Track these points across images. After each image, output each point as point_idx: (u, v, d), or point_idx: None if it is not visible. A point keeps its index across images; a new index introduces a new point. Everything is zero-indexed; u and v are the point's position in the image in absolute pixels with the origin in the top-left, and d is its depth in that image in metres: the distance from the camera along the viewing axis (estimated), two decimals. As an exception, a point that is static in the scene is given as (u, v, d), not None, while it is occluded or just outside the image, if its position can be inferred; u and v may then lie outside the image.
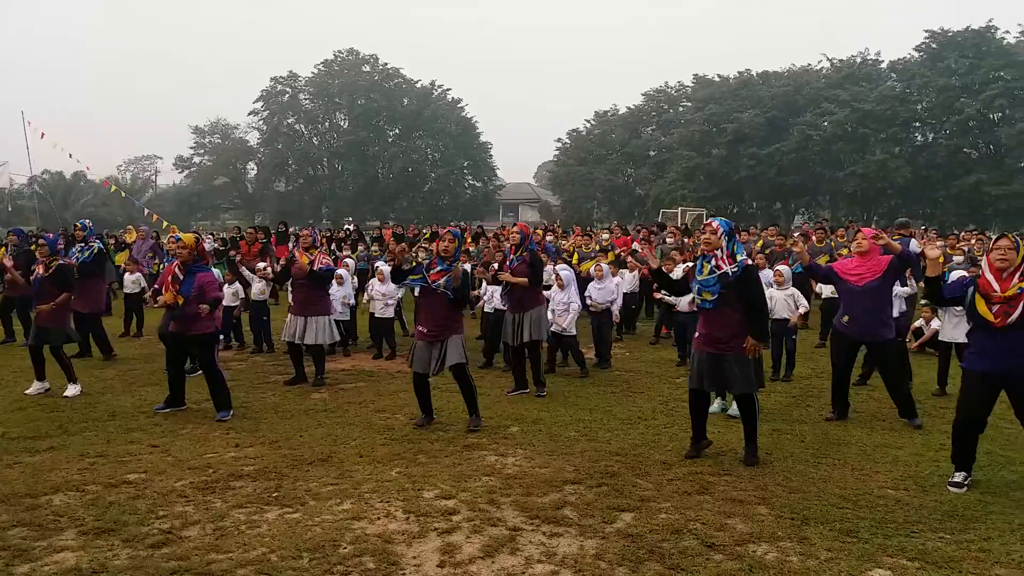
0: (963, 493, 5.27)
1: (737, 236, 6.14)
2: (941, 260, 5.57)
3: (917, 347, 10.58)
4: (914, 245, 10.62)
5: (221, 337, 11.66)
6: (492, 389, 8.58)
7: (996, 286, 5.18)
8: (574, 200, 61.42)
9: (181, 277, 7.49)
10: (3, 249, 15.49)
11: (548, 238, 16.44)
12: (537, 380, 8.36)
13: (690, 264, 7.71)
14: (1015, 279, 5.14)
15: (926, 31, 48.65)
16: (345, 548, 4.43)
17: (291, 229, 22.89)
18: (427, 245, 14.64)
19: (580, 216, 57.02)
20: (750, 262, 6.06)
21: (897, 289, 7.79)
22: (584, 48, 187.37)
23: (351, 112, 63.82)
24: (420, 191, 64.14)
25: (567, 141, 63.14)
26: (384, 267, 11.36)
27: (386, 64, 65.18)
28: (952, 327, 8.29)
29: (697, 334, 6.08)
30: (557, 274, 9.57)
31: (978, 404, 5.38)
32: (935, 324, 10.66)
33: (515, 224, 8.97)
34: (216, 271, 12.05)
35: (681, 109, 58.62)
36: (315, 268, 8.93)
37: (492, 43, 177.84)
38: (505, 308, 8.60)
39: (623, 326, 12.51)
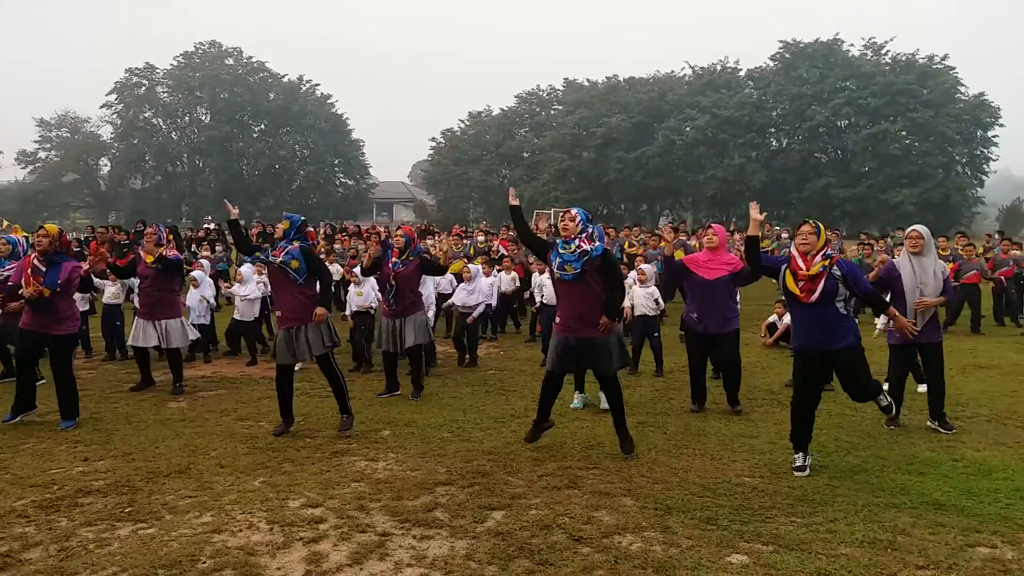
0: (811, 477, 5.56)
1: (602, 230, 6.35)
2: (762, 222, 5.97)
3: (772, 342, 11.14)
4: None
5: None
6: (363, 392, 8.43)
7: (802, 264, 5.65)
8: (450, 200, 61.48)
9: (43, 269, 6.99)
10: None
11: (429, 240, 16.29)
12: (417, 384, 8.26)
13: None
14: (818, 258, 5.63)
15: (780, 42, 51.80)
16: (204, 563, 4.22)
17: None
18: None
19: (456, 216, 57.12)
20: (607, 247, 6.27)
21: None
22: (457, 47, 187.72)
23: (213, 106, 61.33)
24: (288, 189, 62.42)
25: (441, 140, 63.08)
26: (245, 269, 10.95)
27: (251, 57, 63.11)
28: None
29: (558, 319, 6.15)
30: None
31: (803, 379, 5.80)
32: (787, 319, 11.30)
33: (399, 228, 8.83)
34: None
35: (553, 112, 59.80)
36: (163, 255, 8.33)
37: (366, 39, 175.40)
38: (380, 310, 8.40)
39: (499, 325, 12.61)
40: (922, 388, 7.85)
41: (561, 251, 6.06)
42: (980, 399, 7.96)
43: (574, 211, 6.18)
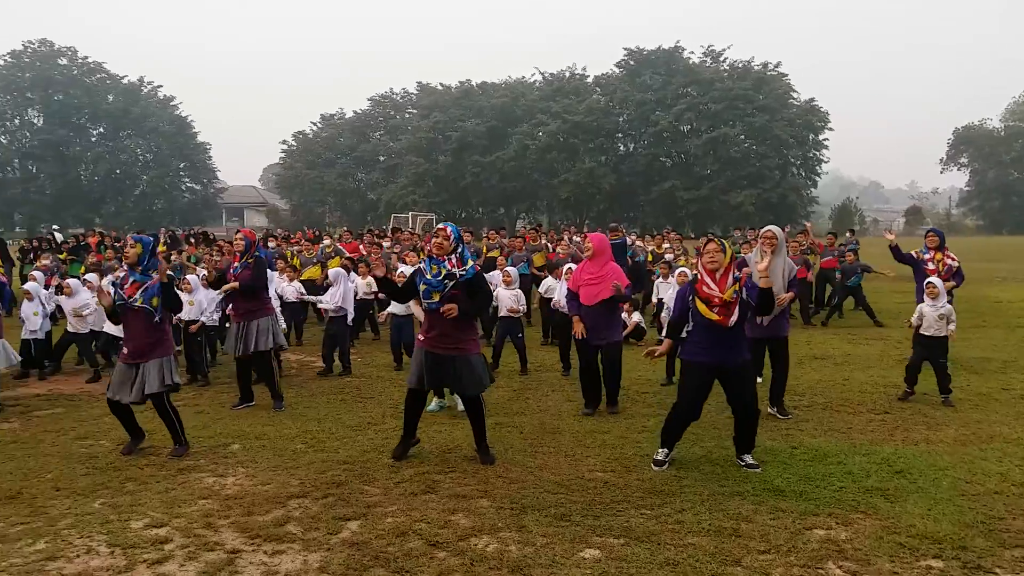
0: (663, 471, 5.79)
1: (464, 242, 6.29)
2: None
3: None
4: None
5: None
6: (211, 406, 8.09)
7: (715, 288, 5.66)
8: (304, 204, 60.06)
9: None
10: None
11: (270, 244, 15.83)
12: (274, 393, 8.01)
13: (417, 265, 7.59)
14: (729, 281, 5.68)
15: (625, 49, 53.81)
16: (36, 595, 3.96)
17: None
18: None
19: (311, 220, 55.77)
20: (478, 267, 6.21)
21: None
22: (308, 49, 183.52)
23: (46, 108, 57.47)
24: (131, 195, 59.26)
25: (293, 144, 61.47)
26: (72, 281, 10.28)
27: (87, 58, 59.40)
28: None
29: (422, 336, 6.08)
30: None
31: (698, 392, 5.89)
32: (636, 317, 11.77)
33: (238, 232, 8.55)
34: None
35: (407, 116, 59.57)
36: None
37: (211, 40, 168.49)
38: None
39: (356, 331, 12.39)
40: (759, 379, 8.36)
41: (428, 275, 5.94)
42: (816, 388, 8.55)
43: (448, 228, 6.06)
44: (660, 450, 5.98)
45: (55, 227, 31.15)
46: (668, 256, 14.38)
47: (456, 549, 4.42)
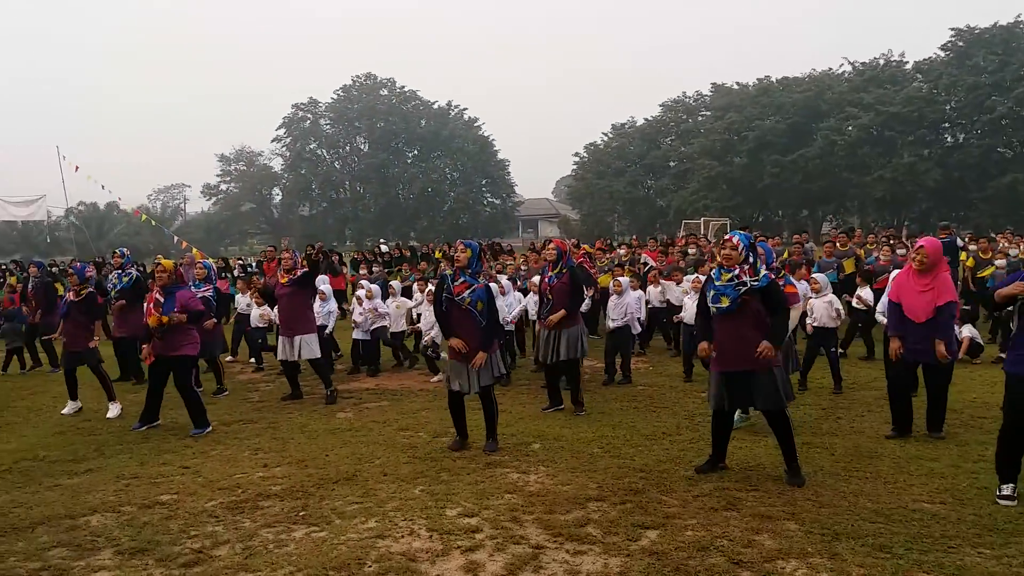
0: (999, 505, 5.08)
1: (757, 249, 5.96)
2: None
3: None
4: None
5: (253, 360, 11.99)
6: (513, 406, 8.51)
7: None
8: (594, 213, 61.22)
9: (162, 300, 7.79)
10: (14, 278, 16.07)
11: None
12: (575, 399, 8.23)
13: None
14: None
15: (952, 29, 47.70)
16: (370, 566, 4.42)
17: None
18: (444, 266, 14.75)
19: (600, 229, 56.83)
20: (773, 276, 5.90)
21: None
22: (599, 61, 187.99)
23: (371, 135, 64.96)
24: (440, 211, 64.95)
25: (584, 155, 63.11)
26: (369, 285, 11.47)
27: (403, 87, 66.35)
28: None
29: (715, 354, 5.82)
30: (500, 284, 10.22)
31: None
32: (967, 331, 10.44)
33: (550, 241, 8.94)
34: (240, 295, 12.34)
35: (700, 119, 58.32)
36: (295, 276, 9.04)
37: (507, 60, 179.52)
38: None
39: (647, 340, 12.38)
40: None
41: (716, 282, 5.75)
42: None
43: (736, 238, 5.81)
44: (1003, 485, 5.19)
45: (382, 240, 34.96)
46: (999, 262, 12.61)
47: (762, 570, 4.20)
